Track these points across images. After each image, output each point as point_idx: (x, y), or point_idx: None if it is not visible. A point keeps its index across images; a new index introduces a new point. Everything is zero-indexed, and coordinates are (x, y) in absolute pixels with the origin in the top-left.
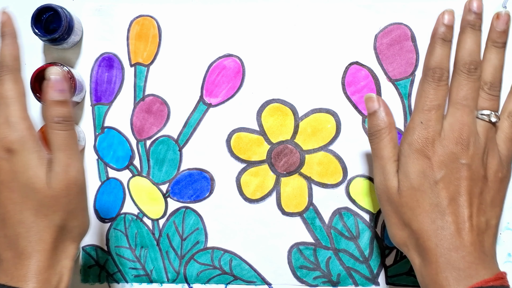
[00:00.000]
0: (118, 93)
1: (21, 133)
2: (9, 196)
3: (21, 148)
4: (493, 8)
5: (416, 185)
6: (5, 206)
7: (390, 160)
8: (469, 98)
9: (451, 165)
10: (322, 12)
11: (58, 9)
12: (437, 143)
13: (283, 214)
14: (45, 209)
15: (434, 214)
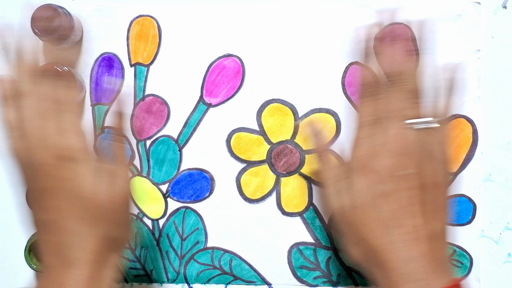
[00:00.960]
0: (118, 93)
1: (73, 141)
2: (57, 203)
3: (73, 157)
4: (493, 9)
5: (365, 201)
6: (52, 213)
7: (337, 180)
8: (398, 108)
9: (394, 177)
10: (322, 12)
11: (58, 9)
12: (378, 157)
13: (283, 214)
14: (91, 219)
15: (386, 228)
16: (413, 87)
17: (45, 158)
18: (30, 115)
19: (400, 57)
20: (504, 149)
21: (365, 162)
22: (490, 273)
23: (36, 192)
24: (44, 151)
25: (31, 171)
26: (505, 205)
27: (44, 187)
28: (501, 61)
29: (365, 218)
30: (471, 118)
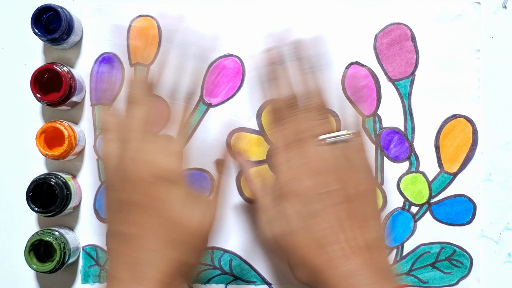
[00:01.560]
0: (118, 93)
1: (177, 165)
2: (148, 221)
3: (176, 182)
4: (493, 8)
5: (295, 226)
6: (138, 228)
7: (264, 210)
8: (308, 128)
9: (316, 198)
10: (322, 12)
11: (58, 9)
12: (299, 180)
13: None
14: (173, 242)
15: (321, 247)
16: (318, 104)
17: (143, 173)
18: (138, 126)
19: (298, 77)
20: (504, 149)
21: (288, 188)
22: (490, 273)
23: (123, 203)
24: (144, 166)
25: (123, 181)
26: (505, 205)
27: (133, 201)
28: (501, 61)
29: (300, 242)
30: (471, 118)
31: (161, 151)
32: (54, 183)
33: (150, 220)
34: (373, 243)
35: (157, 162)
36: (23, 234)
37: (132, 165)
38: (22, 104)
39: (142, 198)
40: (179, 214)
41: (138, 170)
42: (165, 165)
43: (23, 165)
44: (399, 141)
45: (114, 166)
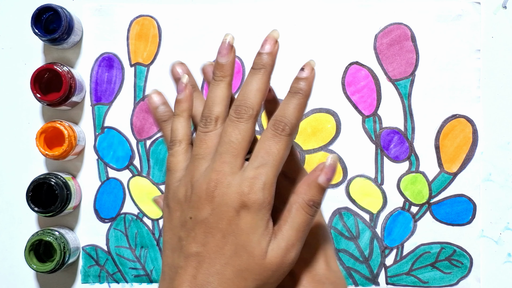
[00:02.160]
0: (118, 93)
1: (266, 197)
2: (222, 246)
3: (258, 211)
4: (493, 8)
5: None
6: (214, 252)
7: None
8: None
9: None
10: (322, 12)
11: (58, 9)
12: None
13: None
14: (247, 274)
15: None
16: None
17: (231, 199)
18: (233, 149)
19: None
20: (504, 149)
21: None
22: (490, 273)
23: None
24: (232, 192)
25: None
26: (505, 205)
27: (212, 224)
28: (501, 61)
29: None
30: (471, 118)
31: (249, 178)
32: (54, 183)
33: (224, 245)
34: None
35: (244, 189)
36: (23, 234)
37: (216, 187)
38: (22, 104)
39: (221, 222)
40: (254, 244)
41: (223, 194)
42: (251, 193)
43: (23, 165)
44: (399, 141)
45: (194, 182)
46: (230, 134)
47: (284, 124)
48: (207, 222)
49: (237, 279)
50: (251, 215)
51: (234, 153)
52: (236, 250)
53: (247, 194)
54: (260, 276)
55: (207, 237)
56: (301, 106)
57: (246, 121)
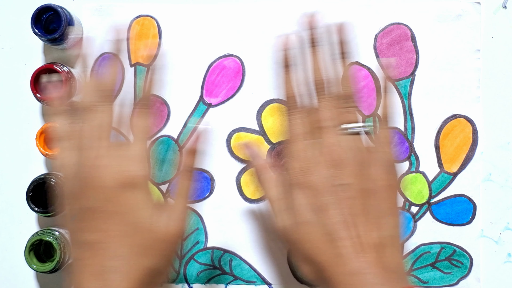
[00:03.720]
0: (118, 93)
1: (142, 172)
2: (112, 228)
3: (138, 187)
4: (493, 8)
5: (304, 219)
6: (104, 235)
7: (276, 200)
8: (328, 118)
9: (331, 190)
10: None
11: (58, 9)
12: (313, 170)
13: None
14: (144, 250)
15: (329, 243)
16: (343, 93)
17: (106, 179)
18: (95, 133)
19: (324, 63)
20: (504, 149)
21: (302, 178)
22: (490, 273)
23: (86, 211)
24: (106, 173)
25: (84, 189)
26: (505, 205)
27: (97, 208)
28: (501, 61)
29: (308, 235)
30: (471, 118)
31: (121, 156)
32: (54, 183)
33: (115, 226)
34: (386, 241)
35: (119, 168)
36: (23, 234)
37: (92, 172)
38: (22, 104)
39: (105, 204)
40: (145, 220)
41: (100, 177)
42: (127, 170)
43: (23, 165)
44: (399, 141)
45: (73, 175)
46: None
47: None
48: (95, 209)
49: (140, 258)
50: (135, 192)
51: (100, 136)
52: (130, 230)
53: (125, 172)
54: (162, 249)
55: (99, 223)
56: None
57: (103, 104)
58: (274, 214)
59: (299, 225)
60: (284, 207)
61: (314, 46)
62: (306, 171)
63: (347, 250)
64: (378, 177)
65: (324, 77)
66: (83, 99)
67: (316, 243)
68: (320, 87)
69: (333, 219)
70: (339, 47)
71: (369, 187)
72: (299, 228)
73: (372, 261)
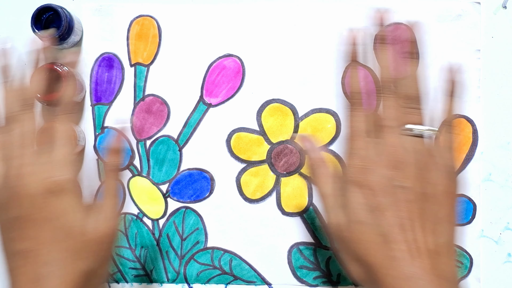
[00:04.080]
0: (118, 93)
1: (67, 176)
2: (42, 234)
3: (64, 191)
4: (493, 8)
5: (360, 218)
6: (35, 243)
7: (330, 196)
8: (392, 117)
9: (389, 191)
10: (322, 12)
11: (58, 9)
12: (373, 170)
13: (283, 214)
14: (77, 253)
15: (384, 245)
16: (410, 93)
17: (31, 187)
18: (18, 142)
19: (396, 61)
20: (504, 149)
21: (361, 175)
22: (490, 273)
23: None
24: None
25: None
26: (505, 205)
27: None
28: (501, 61)
29: (362, 234)
30: (471, 118)
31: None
32: None
33: (45, 233)
34: (441, 248)
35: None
36: None
37: (18, 181)
38: None
39: (34, 212)
40: (75, 223)
41: (25, 185)
42: (52, 176)
43: None
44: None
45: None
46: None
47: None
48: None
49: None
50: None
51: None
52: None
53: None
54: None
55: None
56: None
57: (23, 113)
58: (327, 210)
59: (353, 223)
60: (339, 204)
61: (383, 43)
62: (365, 169)
63: (401, 253)
64: (438, 182)
65: (391, 75)
66: (4, 109)
67: (370, 243)
68: (386, 85)
69: (390, 221)
70: (409, 46)
71: (428, 191)
72: (352, 227)
73: (426, 268)
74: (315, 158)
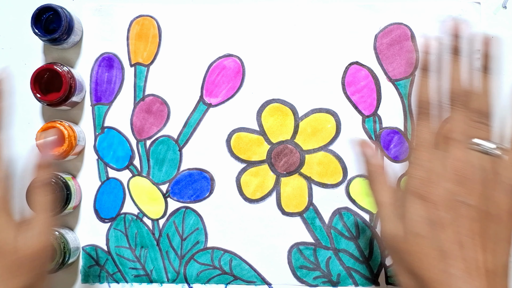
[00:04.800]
0: (118, 93)
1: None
2: None
3: None
4: (493, 8)
5: (418, 231)
6: None
7: (388, 205)
8: (459, 130)
9: (452, 206)
10: (322, 12)
11: (58, 9)
12: (437, 183)
13: (283, 214)
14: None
15: (442, 261)
16: (480, 108)
17: None
18: None
19: (469, 73)
20: None
21: (421, 188)
22: None
23: None
24: None
25: None
26: None
27: None
28: (501, 61)
29: (418, 248)
30: None
31: None
32: (54, 183)
33: None
34: (499, 269)
35: None
36: None
37: None
38: (22, 104)
39: None
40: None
41: None
42: None
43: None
44: (399, 141)
45: None
46: None
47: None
48: None
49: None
50: None
51: None
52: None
53: None
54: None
55: None
56: None
57: None
58: (383, 219)
59: (410, 235)
60: (396, 214)
61: (456, 54)
62: (428, 182)
63: (459, 271)
64: (502, 201)
65: (462, 88)
66: None
67: (426, 257)
68: (456, 97)
69: (449, 237)
70: (483, 60)
71: (490, 210)
72: (410, 239)
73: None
74: (375, 165)
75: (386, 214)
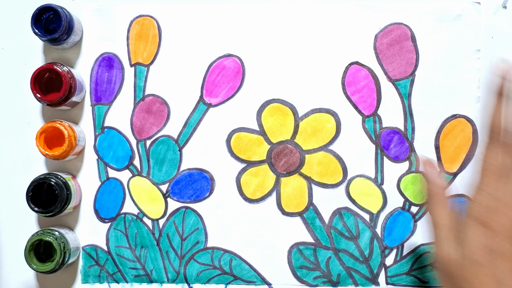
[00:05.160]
0: (118, 93)
1: None
2: None
3: None
4: (493, 8)
5: (476, 258)
6: None
7: (445, 228)
8: None
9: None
10: (322, 12)
11: (58, 9)
12: (500, 212)
13: (283, 214)
14: None
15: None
16: None
17: None
18: None
19: None
20: None
21: (485, 215)
22: None
23: None
24: None
25: None
26: None
27: None
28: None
29: (474, 275)
30: (471, 118)
31: None
32: (54, 183)
33: None
34: None
35: None
36: (23, 234)
37: None
38: (22, 104)
39: None
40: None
41: None
42: None
43: (23, 165)
44: (399, 141)
45: None
46: None
47: None
48: None
49: None
50: None
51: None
52: None
53: None
54: None
55: None
56: None
57: None
58: (438, 240)
59: (467, 261)
60: (453, 237)
61: None
62: (493, 210)
63: None
64: None
65: None
66: None
67: (481, 286)
68: None
69: (508, 268)
70: None
71: None
72: (466, 265)
73: None
74: (438, 186)
75: (442, 237)
